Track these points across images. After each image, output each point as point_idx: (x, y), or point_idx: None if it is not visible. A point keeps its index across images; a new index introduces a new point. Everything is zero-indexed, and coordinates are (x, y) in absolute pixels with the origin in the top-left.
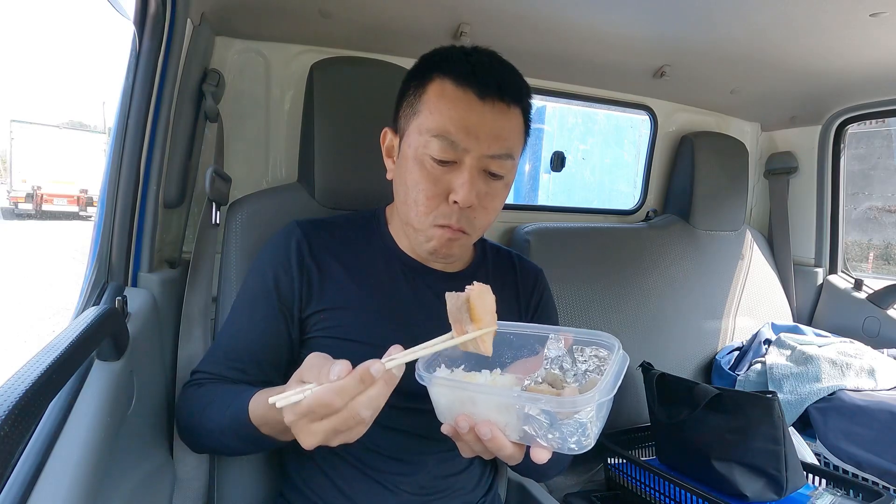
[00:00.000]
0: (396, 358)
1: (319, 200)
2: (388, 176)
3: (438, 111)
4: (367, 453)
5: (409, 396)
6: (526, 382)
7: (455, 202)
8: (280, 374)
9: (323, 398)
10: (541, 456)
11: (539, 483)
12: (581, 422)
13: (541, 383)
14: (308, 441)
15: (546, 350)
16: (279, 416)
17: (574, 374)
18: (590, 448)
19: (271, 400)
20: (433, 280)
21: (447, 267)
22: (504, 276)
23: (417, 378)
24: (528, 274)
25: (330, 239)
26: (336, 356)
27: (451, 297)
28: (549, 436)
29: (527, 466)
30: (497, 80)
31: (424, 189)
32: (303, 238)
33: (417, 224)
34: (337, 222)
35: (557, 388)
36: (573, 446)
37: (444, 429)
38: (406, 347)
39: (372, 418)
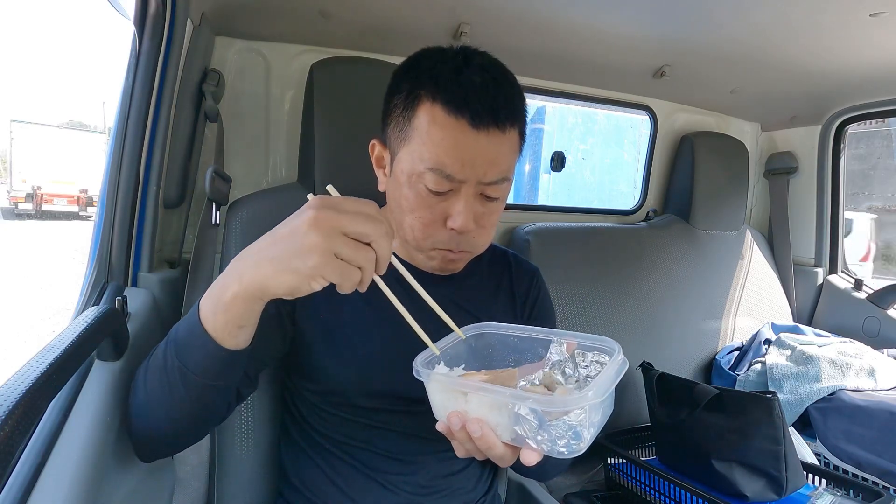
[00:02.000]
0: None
1: None
2: (380, 187)
3: (431, 142)
4: (366, 453)
5: (408, 400)
6: (521, 384)
7: (452, 228)
8: (255, 360)
9: (361, 201)
10: (529, 458)
11: (540, 483)
12: (570, 424)
13: (537, 385)
14: (310, 212)
15: (548, 354)
16: (228, 269)
17: (576, 380)
18: (581, 453)
19: (329, 187)
20: (426, 283)
21: (442, 270)
22: (500, 276)
23: (415, 374)
24: (523, 273)
25: None
26: (327, 354)
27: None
28: (539, 437)
29: (525, 467)
30: (491, 105)
31: (421, 216)
32: None
33: (416, 246)
34: None
35: (552, 390)
36: (563, 450)
37: (439, 426)
38: (406, 353)
39: (350, 259)
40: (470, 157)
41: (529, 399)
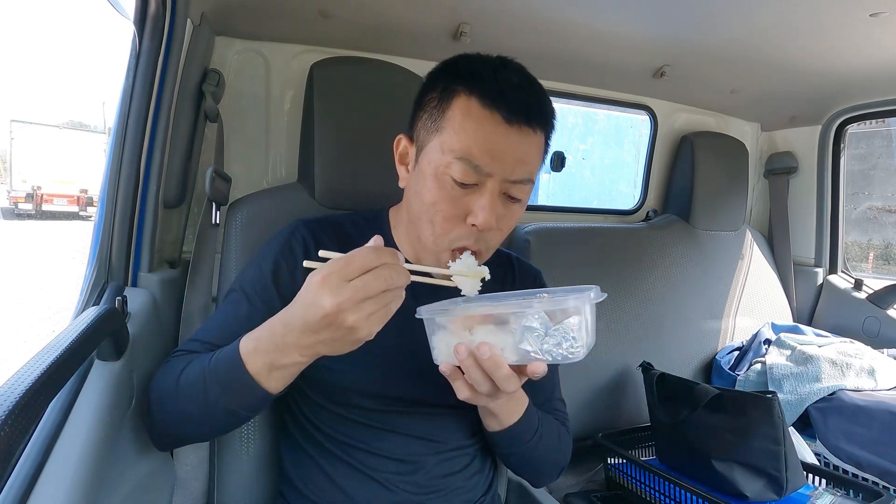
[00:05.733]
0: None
1: (319, 200)
2: (401, 183)
3: (463, 131)
4: (366, 453)
5: (410, 402)
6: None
7: (473, 225)
8: None
9: (360, 252)
10: (538, 369)
11: (535, 486)
12: (572, 325)
13: None
14: (329, 301)
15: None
16: (277, 329)
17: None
18: (580, 358)
19: (322, 253)
20: (431, 288)
21: None
22: (503, 278)
23: (416, 314)
24: (527, 275)
25: (335, 238)
26: (332, 361)
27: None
28: (545, 346)
29: (525, 463)
30: (525, 104)
31: (443, 210)
32: (309, 236)
33: (431, 244)
34: (341, 222)
35: None
36: (566, 353)
37: (443, 368)
38: (406, 355)
39: (383, 307)
40: (500, 151)
41: (537, 301)
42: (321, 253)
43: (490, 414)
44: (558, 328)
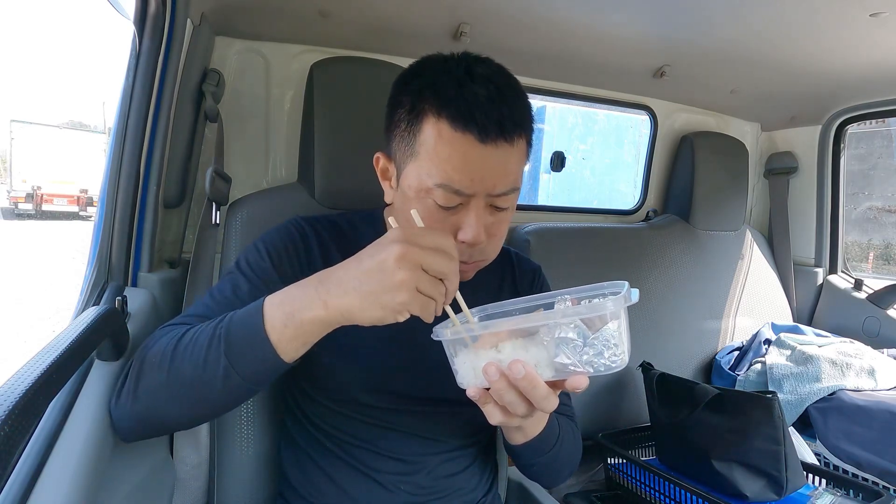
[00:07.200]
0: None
1: (319, 200)
2: (387, 199)
3: (438, 158)
4: (367, 453)
5: (412, 399)
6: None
7: (464, 241)
8: None
9: (439, 235)
10: (580, 383)
11: (547, 488)
12: (612, 332)
13: None
14: (398, 246)
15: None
16: (307, 288)
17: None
18: (625, 365)
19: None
20: None
21: None
22: (503, 274)
23: (434, 337)
24: (526, 271)
25: (335, 235)
26: (330, 353)
27: None
28: (584, 357)
29: (546, 469)
30: (498, 118)
31: None
32: (310, 229)
33: None
34: (336, 221)
35: None
36: (609, 363)
37: (470, 393)
38: (407, 350)
39: (422, 299)
40: (479, 172)
41: (572, 313)
42: (412, 212)
43: (515, 427)
44: (597, 336)
